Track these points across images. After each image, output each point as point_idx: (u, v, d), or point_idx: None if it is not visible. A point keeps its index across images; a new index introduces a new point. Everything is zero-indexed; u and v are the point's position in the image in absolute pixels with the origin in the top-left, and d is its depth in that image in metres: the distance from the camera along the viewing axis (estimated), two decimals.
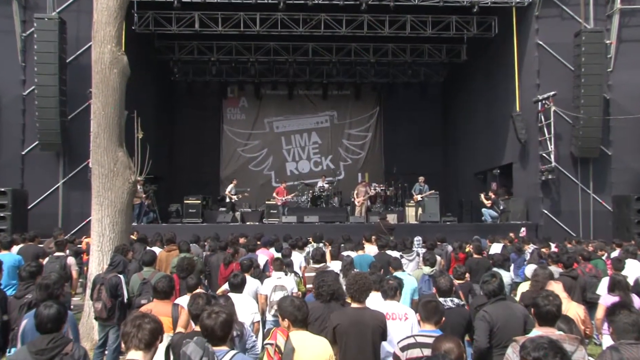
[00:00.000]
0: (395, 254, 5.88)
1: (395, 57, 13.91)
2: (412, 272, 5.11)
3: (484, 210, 11.03)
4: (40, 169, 9.97)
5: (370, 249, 6.33)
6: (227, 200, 11.88)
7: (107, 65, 5.19)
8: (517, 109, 10.72)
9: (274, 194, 12.03)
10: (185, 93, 15.36)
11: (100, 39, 5.21)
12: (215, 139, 15.72)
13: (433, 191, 11.71)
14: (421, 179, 11.97)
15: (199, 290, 3.54)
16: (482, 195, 11.04)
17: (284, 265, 4.81)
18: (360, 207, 12.03)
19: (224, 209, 12.70)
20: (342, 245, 6.48)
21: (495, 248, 6.80)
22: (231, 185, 12.08)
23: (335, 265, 5.01)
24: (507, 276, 5.00)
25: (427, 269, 4.89)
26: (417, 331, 2.92)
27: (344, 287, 3.11)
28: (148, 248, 5.84)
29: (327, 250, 6.08)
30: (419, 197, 11.81)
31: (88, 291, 4.57)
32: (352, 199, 12.30)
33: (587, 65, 9.61)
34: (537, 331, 2.37)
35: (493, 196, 10.98)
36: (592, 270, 5.25)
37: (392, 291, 3.17)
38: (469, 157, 14.01)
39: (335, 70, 14.40)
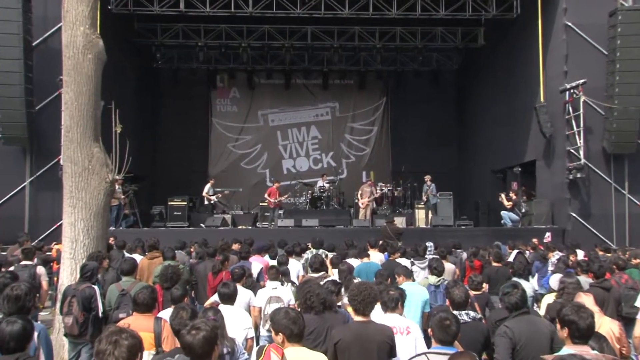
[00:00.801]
0: (404, 261, 5.89)
1: (404, 42, 13.86)
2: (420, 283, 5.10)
3: (503, 213, 11.03)
4: (3, 166, 9.84)
5: (376, 256, 6.34)
6: (206, 202, 11.81)
7: (80, 49, 5.15)
8: (542, 99, 10.70)
9: (266, 195, 12.06)
10: (169, 82, 15.36)
11: (72, 19, 5.17)
12: (203, 133, 15.72)
13: (437, 193, 11.71)
14: (427, 177, 11.96)
15: (184, 302, 3.54)
16: (502, 196, 11.03)
17: (280, 274, 4.81)
18: (364, 209, 12.06)
19: (214, 212, 12.71)
20: (346, 251, 6.47)
21: (512, 257, 6.79)
22: (208, 185, 12.02)
23: (337, 274, 4.98)
24: (529, 287, 5.00)
25: (433, 279, 4.88)
26: (421, 346, 2.90)
27: (346, 299, 3.09)
28: (127, 255, 5.83)
29: (327, 258, 6.05)
30: (424, 198, 11.81)
31: (58, 304, 4.52)
32: (356, 201, 12.32)
33: (623, 49, 9.41)
34: (568, 349, 2.34)
35: (514, 197, 10.97)
36: (629, 281, 5.20)
37: (393, 303, 3.16)
38: (486, 153, 14.01)
39: (337, 56, 14.38)
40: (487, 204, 12.92)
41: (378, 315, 3.18)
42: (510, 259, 6.45)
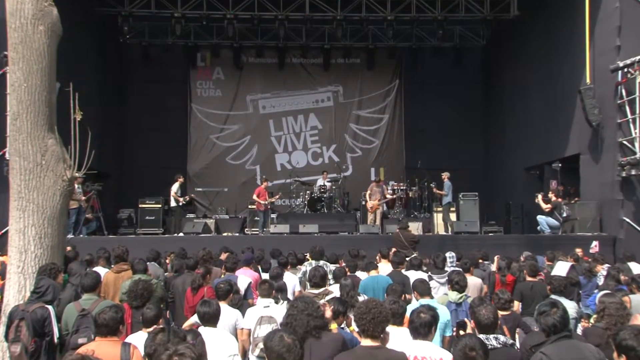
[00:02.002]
0: (420, 275, 5.88)
1: (421, 14, 13.80)
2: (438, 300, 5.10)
3: (540, 217, 11.00)
4: None
5: (387, 269, 6.35)
6: (174, 204, 11.74)
7: (29, 19, 5.11)
8: (588, 80, 10.62)
9: (254, 196, 12.07)
10: (139, 61, 15.37)
11: None
12: (181, 122, 15.75)
13: (449, 192, 11.66)
14: (445, 175, 11.98)
15: (158, 324, 3.53)
16: (539, 197, 11.00)
17: (273, 289, 4.81)
18: (373, 213, 12.05)
19: (191, 215, 12.70)
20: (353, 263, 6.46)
21: (559, 269, 6.72)
22: (176, 185, 11.84)
23: (339, 290, 4.99)
24: (572, 306, 4.96)
25: (453, 295, 4.87)
26: None
27: (352, 319, 3.07)
28: (89, 268, 5.81)
29: (329, 270, 6.05)
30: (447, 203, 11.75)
31: (2, 328, 4.49)
32: (363, 203, 12.33)
33: None
34: None
35: (553, 198, 10.93)
36: None
37: (425, 328, 3.10)
38: (519, 146, 13.99)
39: (341, 31, 14.31)
40: (520, 206, 12.91)
41: (405, 341, 3.16)
42: (558, 272, 6.32)
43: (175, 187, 11.72)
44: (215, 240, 10.35)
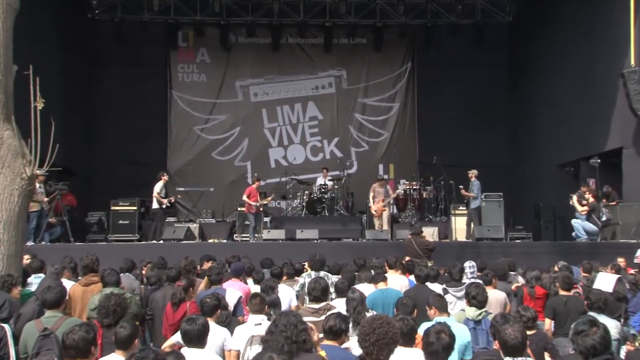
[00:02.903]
0: (436, 287, 5.87)
1: None
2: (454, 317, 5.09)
3: (575, 222, 10.98)
4: None
5: (397, 281, 6.32)
6: (156, 206, 11.69)
7: None
8: (632, 62, 10.59)
9: (244, 197, 12.04)
10: (111, 40, 15.32)
11: None
12: (160, 111, 15.73)
13: (479, 193, 11.64)
14: (472, 173, 11.97)
15: (134, 345, 3.51)
16: (574, 199, 10.97)
17: (266, 305, 4.80)
18: (379, 216, 12.02)
19: (172, 218, 12.68)
20: (357, 274, 6.46)
21: (602, 281, 6.60)
22: (159, 184, 11.75)
23: (342, 304, 4.96)
24: (614, 325, 4.93)
25: (471, 312, 4.86)
26: None
27: (356, 340, 3.06)
28: (53, 281, 5.80)
29: (330, 281, 6.02)
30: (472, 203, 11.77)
31: None
32: (369, 205, 12.29)
33: None
34: None
35: (591, 199, 10.90)
36: None
37: (447, 352, 3.09)
38: (551, 139, 13.96)
39: (344, 6, 14.30)
40: (552, 209, 12.88)
41: None
42: (601, 285, 6.24)
43: (158, 187, 11.69)
44: (200, 247, 10.33)
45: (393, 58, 16.19)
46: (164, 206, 11.78)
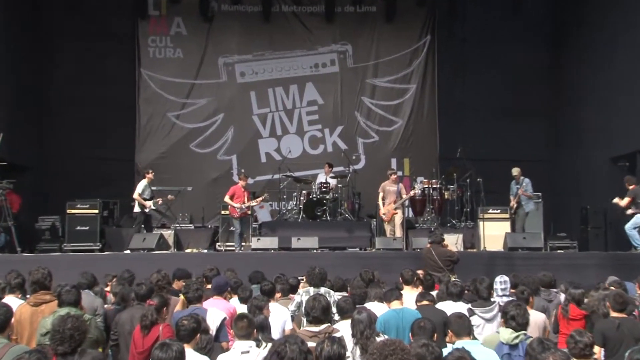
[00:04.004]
0: (460, 306, 5.87)
1: None
2: (484, 342, 5.09)
3: (629, 228, 10.96)
4: None
5: (413, 298, 6.32)
6: (137, 210, 11.84)
7: None
8: None
9: (227, 198, 12.05)
10: (66, 8, 15.31)
11: None
12: (127, 94, 15.70)
13: (531, 197, 11.70)
14: (516, 170, 11.92)
15: None
16: (624, 202, 10.94)
17: (254, 328, 4.82)
18: (390, 221, 12.00)
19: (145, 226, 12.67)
20: (367, 290, 6.47)
21: None
22: (144, 182, 11.93)
23: (347, 327, 4.98)
24: None
25: (507, 334, 4.86)
26: None
27: None
28: None
29: (332, 299, 6.05)
30: (513, 203, 11.83)
31: None
32: (379, 207, 12.27)
33: None
34: None
35: (632, 187, 10.93)
36: None
37: None
38: (602, 128, 13.91)
39: None
40: (603, 212, 12.86)
41: None
42: None
43: (140, 187, 11.79)
44: (175, 259, 10.34)
45: (408, 30, 16.13)
46: (146, 210, 11.77)
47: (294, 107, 16.06)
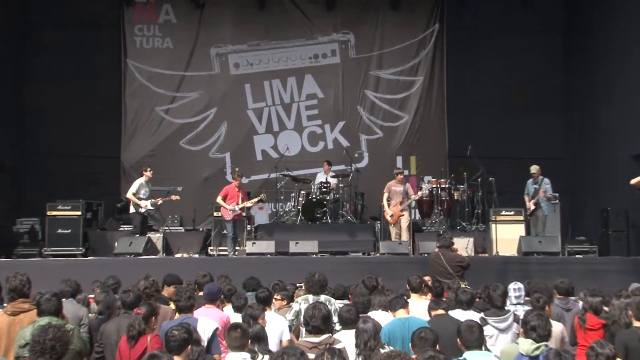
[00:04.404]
0: (471, 315, 5.87)
1: None
2: (502, 353, 5.09)
3: None
4: None
5: (421, 307, 6.34)
6: (133, 210, 11.81)
7: None
8: None
9: (219, 199, 12.02)
10: None
11: None
12: (112, 88, 15.70)
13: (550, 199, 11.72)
14: (535, 168, 11.96)
15: None
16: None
17: (248, 339, 4.82)
18: (396, 224, 11.99)
19: (128, 227, 12.65)
20: (370, 298, 6.45)
21: None
22: (138, 182, 11.88)
23: (349, 338, 4.97)
24: None
25: (527, 344, 4.84)
26: None
27: None
28: None
29: (333, 308, 6.05)
30: (530, 205, 11.83)
31: None
32: (384, 209, 12.27)
33: None
34: None
35: None
36: None
37: None
38: (622, 123, 13.91)
39: None
40: (624, 214, 12.85)
41: None
42: None
43: (134, 186, 11.70)
44: (164, 264, 10.34)
45: (415, 18, 16.15)
46: (142, 210, 11.69)
47: (292, 101, 16.07)
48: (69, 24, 15.33)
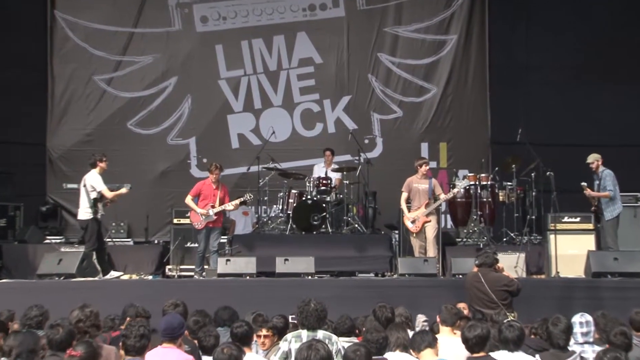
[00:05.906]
0: (520, 358, 5.92)
1: None
2: None
3: None
4: None
5: (454, 346, 6.38)
6: (85, 216, 11.67)
7: None
8: None
9: (187, 199, 12.13)
10: None
11: None
12: (36, 50, 15.82)
13: (612, 192, 11.74)
14: (592, 158, 11.99)
15: None
16: None
17: None
18: (419, 233, 12.01)
19: (57, 238, 12.66)
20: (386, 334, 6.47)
21: None
22: (98, 176, 11.65)
23: None
24: None
25: None
26: None
27: None
28: None
29: (335, 347, 6.08)
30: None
31: None
32: (403, 214, 12.30)
33: None
34: None
35: None
36: None
37: None
38: None
39: None
40: None
41: None
42: None
43: (99, 180, 11.48)
44: (106, 289, 10.46)
45: None
46: (99, 215, 11.61)
47: (279, 68, 16.19)
48: None
